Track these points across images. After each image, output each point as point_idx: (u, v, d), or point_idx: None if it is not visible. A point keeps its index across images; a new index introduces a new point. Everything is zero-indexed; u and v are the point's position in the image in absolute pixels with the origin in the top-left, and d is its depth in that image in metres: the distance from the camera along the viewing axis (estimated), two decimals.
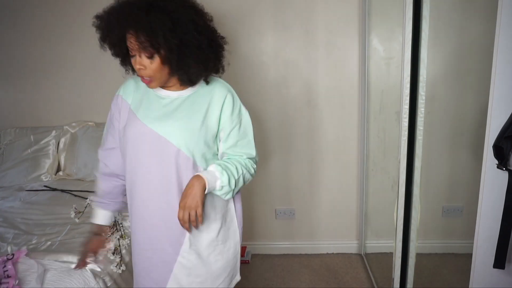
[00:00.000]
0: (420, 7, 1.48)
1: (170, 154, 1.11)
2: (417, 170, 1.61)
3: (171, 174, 1.12)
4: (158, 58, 1.05)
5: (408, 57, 1.52)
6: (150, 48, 1.02)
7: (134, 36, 1.02)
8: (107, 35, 1.09)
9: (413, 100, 1.57)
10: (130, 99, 1.20)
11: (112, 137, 1.25)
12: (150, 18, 0.99)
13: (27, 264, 1.34)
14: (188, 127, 1.12)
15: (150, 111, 1.15)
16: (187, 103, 1.15)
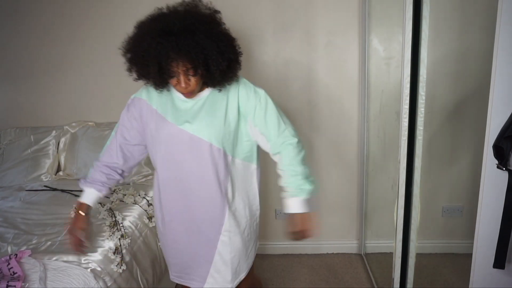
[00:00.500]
0: (420, 7, 1.48)
1: (204, 148, 1.26)
2: (417, 170, 1.61)
3: (207, 166, 1.27)
4: (199, 75, 1.18)
5: (408, 57, 1.52)
6: (195, 69, 1.16)
7: (184, 61, 1.13)
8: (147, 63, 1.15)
9: (413, 100, 1.57)
10: (155, 104, 1.31)
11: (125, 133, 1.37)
12: (198, 44, 1.12)
13: (30, 264, 1.34)
14: (214, 122, 1.26)
15: (178, 114, 1.27)
16: (208, 102, 1.28)
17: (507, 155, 1.06)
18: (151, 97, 1.32)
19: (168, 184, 1.33)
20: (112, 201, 1.88)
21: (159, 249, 1.82)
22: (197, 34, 1.12)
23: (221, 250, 1.36)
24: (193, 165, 1.28)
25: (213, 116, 1.26)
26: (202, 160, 1.27)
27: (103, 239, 1.54)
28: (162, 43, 1.10)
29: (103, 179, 1.36)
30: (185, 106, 1.28)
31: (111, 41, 2.38)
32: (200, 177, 1.29)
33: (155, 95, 1.31)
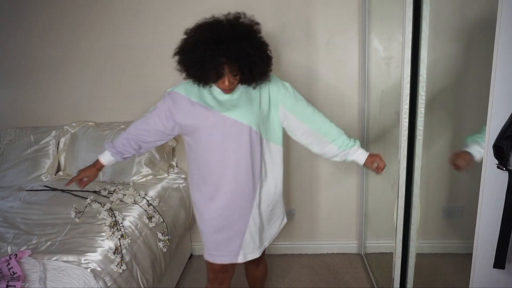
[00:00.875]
0: (420, 7, 1.48)
1: (244, 131, 1.46)
2: (417, 170, 1.61)
3: (246, 147, 1.47)
4: (239, 74, 1.41)
5: (408, 57, 1.52)
6: (241, 71, 1.39)
7: (233, 65, 1.36)
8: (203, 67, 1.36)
9: (413, 100, 1.57)
10: (195, 97, 1.49)
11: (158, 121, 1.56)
12: (245, 51, 1.35)
13: (30, 264, 1.34)
14: (253, 109, 1.48)
15: (220, 104, 1.47)
16: (244, 93, 1.50)
17: (507, 155, 1.06)
18: (191, 92, 1.50)
19: (211, 164, 1.49)
20: (112, 201, 1.88)
21: (159, 249, 1.82)
22: (243, 42, 1.34)
23: (252, 224, 1.55)
24: (234, 146, 1.46)
25: (250, 104, 1.48)
26: (242, 141, 1.47)
27: (103, 239, 1.54)
28: (216, 50, 1.32)
29: (119, 148, 1.61)
30: (224, 98, 1.49)
31: (111, 41, 2.39)
32: (239, 157, 1.47)
33: (195, 90, 1.49)
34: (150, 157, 2.28)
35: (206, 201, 1.56)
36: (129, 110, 2.46)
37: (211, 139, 1.48)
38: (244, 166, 1.49)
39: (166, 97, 1.54)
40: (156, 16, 2.33)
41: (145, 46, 2.37)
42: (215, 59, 1.33)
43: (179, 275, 2.36)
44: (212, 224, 1.55)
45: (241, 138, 1.47)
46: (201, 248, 2.67)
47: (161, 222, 1.88)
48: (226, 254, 1.56)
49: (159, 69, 2.39)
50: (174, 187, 2.24)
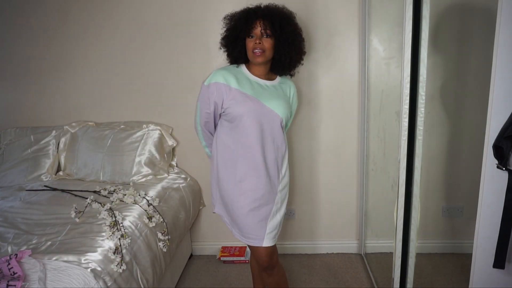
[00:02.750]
0: (420, 7, 1.48)
1: (277, 122, 1.62)
2: (417, 170, 1.61)
3: (276, 136, 1.63)
4: (271, 40, 1.58)
5: (408, 57, 1.52)
6: (272, 32, 1.56)
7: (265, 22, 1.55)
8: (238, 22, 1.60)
9: (413, 100, 1.57)
10: (235, 84, 1.59)
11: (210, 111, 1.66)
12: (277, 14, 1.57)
13: (30, 264, 1.34)
14: (285, 103, 1.66)
15: (258, 92, 1.61)
16: (279, 88, 1.69)
17: (507, 155, 1.06)
18: (229, 79, 1.60)
19: (245, 148, 1.60)
20: (112, 201, 1.88)
21: (159, 249, 1.82)
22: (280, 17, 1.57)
23: (275, 210, 1.66)
24: (266, 134, 1.60)
25: (283, 99, 1.66)
26: (274, 130, 1.62)
27: (103, 239, 1.54)
28: (251, 8, 1.60)
29: None
30: (261, 87, 1.63)
31: (111, 41, 2.39)
32: (269, 144, 1.61)
33: (233, 78, 1.60)
34: (150, 157, 2.28)
35: (235, 184, 1.64)
36: (129, 110, 2.46)
37: (247, 123, 1.58)
38: (272, 152, 1.62)
39: (203, 90, 1.63)
40: (156, 16, 2.33)
41: (145, 46, 2.37)
42: (249, 14, 1.55)
43: (179, 275, 2.36)
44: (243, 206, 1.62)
45: (273, 127, 1.61)
46: (202, 248, 2.69)
47: (161, 222, 1.88)
48: (253, 237, 1.64)
49: (159, 69, 2.39)
50: (174, 187, 2.24)
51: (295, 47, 1.64)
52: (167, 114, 2.44)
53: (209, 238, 2.64)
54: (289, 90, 1.75)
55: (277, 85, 1.69)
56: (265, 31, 1.55)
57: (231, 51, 1.67)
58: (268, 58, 1.61)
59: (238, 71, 1.66)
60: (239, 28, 1.59)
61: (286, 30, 1.58)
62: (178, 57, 2.36)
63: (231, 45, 1.65)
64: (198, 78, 2.37)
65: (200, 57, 2.33)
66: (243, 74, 1.65)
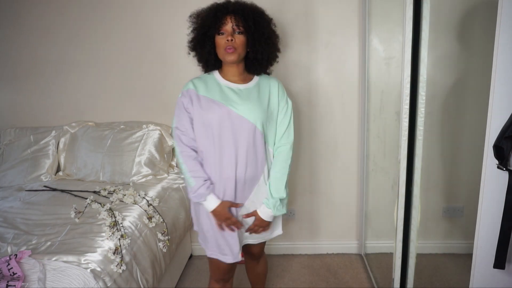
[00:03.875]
0: (420, 7, 1.48)
1: (249, 129, 1.44)
2: (417, 170, 1.61)
3: (248, 145, 1.45)
4: (243, 38, 1.43)
5: (408, 57, 1.52)
6: (245, 29, 1.42)
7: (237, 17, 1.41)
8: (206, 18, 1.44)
9: (413, 100, 1.57)
10: (203, 91, 1.48)
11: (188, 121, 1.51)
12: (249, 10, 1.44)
13: (30, 264, 1.34)
14: (260, 108, 1.46)
15: (227, 98, 1.46)
16: (254, 91, 1.51)
17: (507, 155, 1.06)
18: (199, 87, 1.49)
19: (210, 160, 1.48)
20: (112, 201, 1.88)
21: (159, 249, 1.82)
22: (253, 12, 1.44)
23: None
24: (235, 144, 1.44)
25: (259, 101, 1.48)
26: (245, 140, 1.44)
27: (103, 239, 1.54)
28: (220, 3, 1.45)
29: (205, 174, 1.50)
30: (233, 92, 1.48)
31: (112, 41, 2.39)
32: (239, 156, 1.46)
33: (203, 85, 1.50)
34: (150, 157, 2.28)
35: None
36: (129, 110, 2.46)
37: (213, 132, 1.45)
38: (245, 166, 1.47)
39: (179, 100, 1.52)
40: (156, 16, 2.33)
41: (145, 46, 2.37)
42: (218, 9, 1.42)
43: (179, 275, 2.36)
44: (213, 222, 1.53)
45: (244, 135, 1.44)
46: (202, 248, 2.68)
47: (161, 222, 1.88)
48: (229, 253, 1.55)
49: (159, 69, 2.39)
50: (174, 187, 2.24)
51: (272, 44, 1.53)
52: (167, 114, 2.44)
53: None
54: (269, 89, 1.54)
55: (252, 87, 1.52)
56: (238, 27, 1.41)
57: (200, 52, 1.51)
58: (241, 56, 1.46)
59: (209, 77, 1.54)
60: (207, 25, 1.44)
61: (261, 26, 1.45)
62: (178, 57, 2.36)
63: (199, 46, 1.49)
64: None
65: None
66: (213, 80, 1.53)
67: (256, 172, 1.50)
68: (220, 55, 1.46)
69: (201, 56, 1.52)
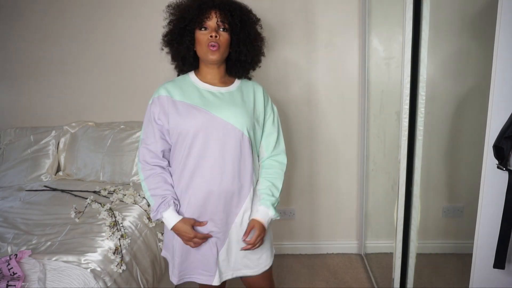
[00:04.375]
0: (420, 7, 1.48)
1: (236, 136, 1.30)
2: (417, 170, 1.61)
3: (236, 153, 1.30)
4: (228, 36, 1.30)
5: (408, 57, 1.52)
6: (230, 26, 1.29)
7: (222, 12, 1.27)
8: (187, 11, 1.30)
9: (413, 100, 1.57)
10: (179, 96, 1.32)
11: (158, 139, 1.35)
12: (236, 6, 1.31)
13: (30, 264, 1.34)
14: (246, 112, 1.32)
15: (209, 103, 1.31)
16: (238, 94, 1.36)
17: (507, 155, 1.06)
18: (173, 92, 1.33)
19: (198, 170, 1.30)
20: (112, 201, 1.88)
21: (159, 249, 1.82)
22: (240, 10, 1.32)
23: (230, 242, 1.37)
24: (219, 153, 1.29)
25: (242, 106, 1.33)
26: (231, 148, 1.30)
27: (103, 239, 1.54)
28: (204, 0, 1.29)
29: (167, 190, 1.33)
30: (214, 96, 1.33)
31: (111, 41, 2.39)
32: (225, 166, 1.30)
33: (177, 89, 1.34)
34: None
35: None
36: (129, 110, 2.46)
37: (192, 142, 1.29)
38: (233, 177, 1.31)
39: (148, 109, 1.36)
40: (156, 15, 2.32)
41: (145, 46, 2.37)
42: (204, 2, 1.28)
43: None
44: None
45: (231, 143, 1.29)
46: None
47: (161, 222, 1.88)
48: (202, 273, 1.38)
49: (159, 69, 2.39)
50: None
51: (258, 46, 1.38)
52: None
53: None
54: (253, 93, 1.39)
55: (234, 91, 1.37)
56: (223, 23, 1.27)
57: (176, 48, 1.35)
58: (223, 56, 1.32)
59: (184, 80, 1.37)
60: (188, 17, 1.29)
61: (247, 25, 1.32)
62: None
63: (176, 41, 1.33)
64: None
65: None
66: (189, 82, 1.36)
67: (245, 183, 1.34)
68: (200, 53, 1.31)
69: (177, 53, 1.36)
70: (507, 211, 1.08)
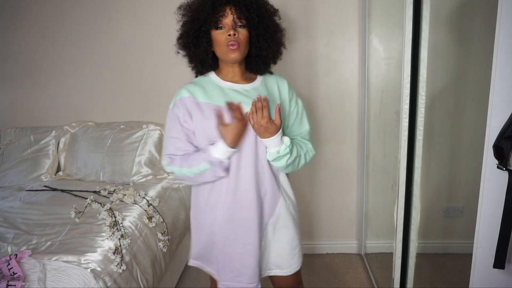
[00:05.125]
0: (420, 7, 1.48)
1: (251, 135, 1.25)
2: (417, 170, 1.61)
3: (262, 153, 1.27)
4: (246, 32, 1.24)
5: (408, 57, 1.52)
6: (247, 21, 1.23)
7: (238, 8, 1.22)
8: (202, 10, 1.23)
9: (413, 100, 1.57)
10: (202, 97, 1.27)
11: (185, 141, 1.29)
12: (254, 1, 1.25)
13: (30, 264, 1.34)
14: (274, 108, 1.25)
15: (235, 101, 1.24)
16: (262, 90, 1.31)
17: (507, 155, 1.06)
18: (196, 93, 1.28)
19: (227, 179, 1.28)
20: (112, 201, 1.88)
21: (159, 249, 1.82)
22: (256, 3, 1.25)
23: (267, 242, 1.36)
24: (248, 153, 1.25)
25: (271, 101, 1.27)
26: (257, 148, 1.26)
27: (103, 239, 1.54)
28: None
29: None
30: (239, 93, 1.28)
31: (111, 41, 2.39)
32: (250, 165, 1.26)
33: (199, 89, 1.28)
34: (150, 157, 2.28)
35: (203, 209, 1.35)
36: (129, 110, 2.46)
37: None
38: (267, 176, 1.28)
39: (172, 112, 1.30)
40: (157, 15, 2.33)
41: (145, 46, 2.37)
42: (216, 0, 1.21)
43: (179, 275, 2.36)
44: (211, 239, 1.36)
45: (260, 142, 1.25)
46: None
47: (161, 222, 1.88)
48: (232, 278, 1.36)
49: (159, 69, 2.39)
50: (174, 187, 2.24)
51: (278, 39, 1.33)
52: (167, 114, 2.43)
53: None
54: (278, 88, 1.34)
55: (259, 86, 1.32)
56: (239, 20, 1.22)
57: (194, 52, 1.28)
58: (244, 53, 1.26)
59: (206, 80, 1.32)
60: (202, 18, 1.22)
61: (266, 18, 1.27)
62: (178, 56, 2.36)
63: (193, 43, 1.27)
64: None
65: None
66: (211, 82, 1.31)
67: (276, 183, 1.31)
68: (220, 53, 1.26)
69: (194, 56, 1.30)
70: (507, 211, 1.08)
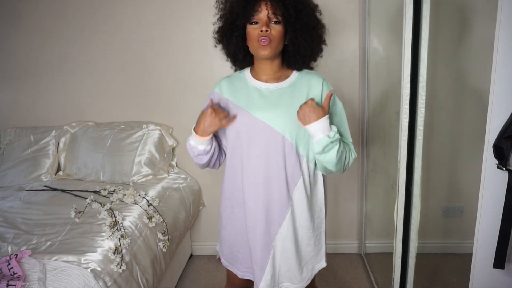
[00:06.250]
0: (420, 7, 1.48)
1: (276, 141, 1.21)
2: (417, 170, 1.61)
3: (278, 159, 1.22)
4: (281, 28, 1.18)
5: (408, 57, 1.52)
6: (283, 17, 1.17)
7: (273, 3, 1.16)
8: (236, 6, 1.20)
9: (413, 100, 1.57)
10: (228, 94, 1.28)
11: None
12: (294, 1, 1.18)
13: (30, 264, 1.34)
14: (290, 114, 1.20)
15: (251, 101, 1.24)
16: (288, 92, 1.25)
17: (507, 155, 1.06)
18: (224, 88, 1.30)
19: (237, 177, 1.29)
20: (112, 201, 1.88)
21: (159, 249, 1.82)
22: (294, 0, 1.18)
23: (275, 253, 1.31)
24: (263, 159, 1.23)
25: (290, 105, 1.21)
26: (272, 153, 1.22)
27: (103, 239, 1.54)
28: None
29: None
30: (260, 94, 1.25)
31: (112, 41, 2.39)
32: (269, 173, 1.24)
33: (226, 85, 1.30)
34: (150, 157, 2.28)
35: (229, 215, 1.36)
36: (129, 110, 2.46)
37: (236, 145, 1.26)
38: (277, 185, 1.24)
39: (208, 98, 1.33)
40: (157, 15, 2.33)
41: (145, 46, 2.37)
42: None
43: (179, 275, 2.36)
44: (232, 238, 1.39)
45: (272, 147, 1.22)
46: (202, 248, 2.68)
47: (161, 222, 1.88)
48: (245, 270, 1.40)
49: (159, 68, 2.39)
50: (174, 187, 2.24)
51: (318, 36, 1.28)
52: (167, 114, 2.44)
53: (209, 238, 2.64)
54: (308, 89, 1.25)
55: (286, 87, 1.25)
56: (275, 16, 1.16)
57: (227, 45, 1.27)
58: (276, 51, 1.21)
59: (239, 77, 1.32)
60: (236, 12, 1.20)
61: (304, 14, 1.20)
62: (178, 57, 2.36)
63: (226, 37, 1.25)
64: (198, 78, 2.37)
65: (199, 57, 2.33)
66: (242, 79, 1.30)
67: (287, 193, 1.26)
68: (252, 48, 1.22)
69: (228, 50, 1.28)
70: (507, 211, 1.08)
